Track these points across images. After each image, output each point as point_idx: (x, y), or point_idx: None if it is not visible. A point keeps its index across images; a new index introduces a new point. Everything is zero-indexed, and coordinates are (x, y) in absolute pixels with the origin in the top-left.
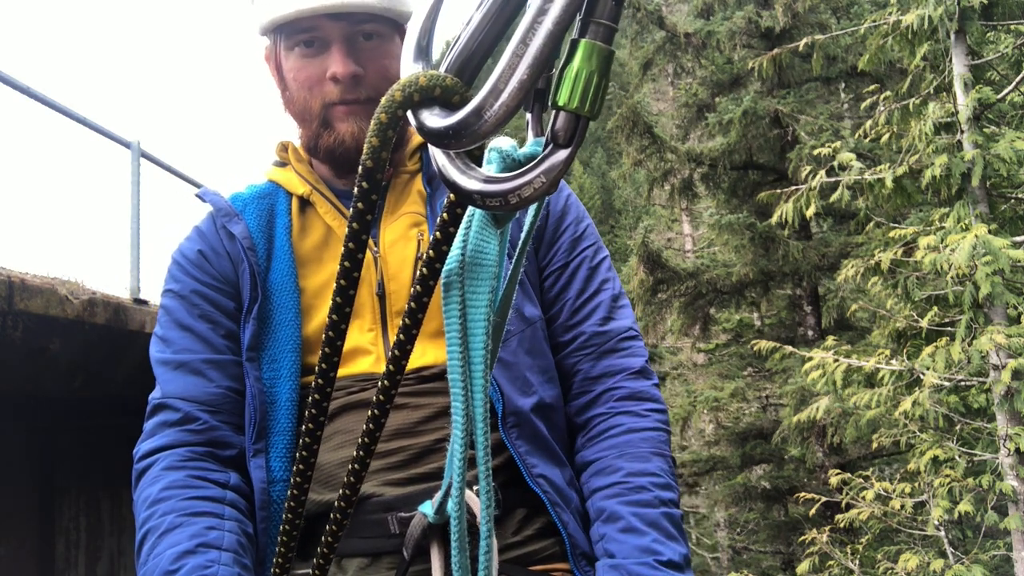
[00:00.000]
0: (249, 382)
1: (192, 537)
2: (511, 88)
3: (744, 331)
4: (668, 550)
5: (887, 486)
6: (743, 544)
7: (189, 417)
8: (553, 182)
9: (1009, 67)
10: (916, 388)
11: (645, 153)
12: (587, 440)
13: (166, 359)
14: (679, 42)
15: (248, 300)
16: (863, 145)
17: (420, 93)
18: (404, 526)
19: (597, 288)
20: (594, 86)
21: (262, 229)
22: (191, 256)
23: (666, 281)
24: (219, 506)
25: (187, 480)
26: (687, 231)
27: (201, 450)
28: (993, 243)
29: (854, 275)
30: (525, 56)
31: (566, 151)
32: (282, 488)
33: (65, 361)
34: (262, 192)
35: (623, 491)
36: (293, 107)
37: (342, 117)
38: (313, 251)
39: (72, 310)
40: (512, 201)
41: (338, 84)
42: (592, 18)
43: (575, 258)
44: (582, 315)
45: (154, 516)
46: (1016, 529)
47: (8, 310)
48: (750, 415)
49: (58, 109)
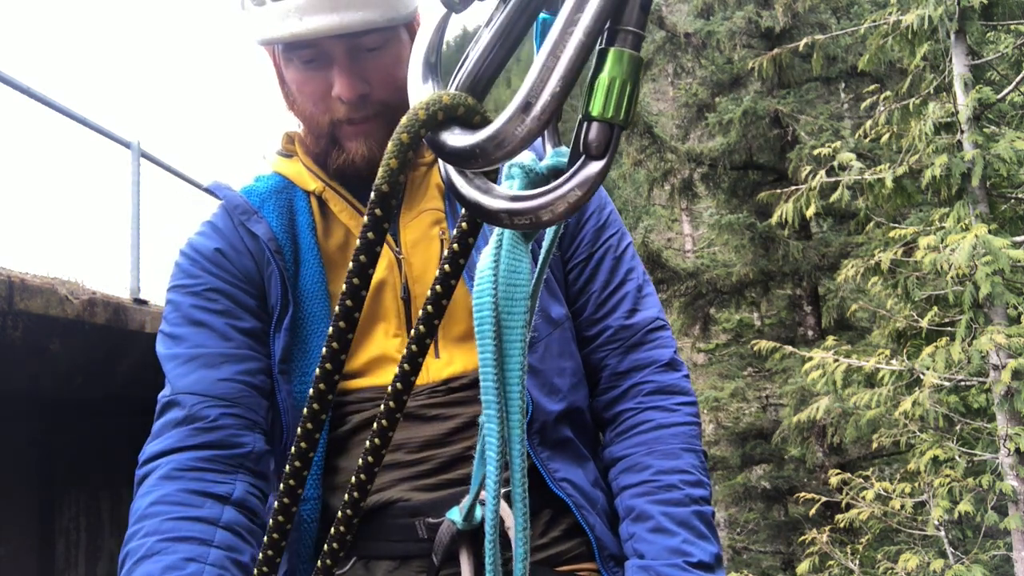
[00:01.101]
0: (280, 396)
1: (165, 570)
2: (544, 101)
3: (744, 331)
4: (698, 550)
5: (887, 486)
6: (743, 544)
7: (196, 415)
8: (588, 195)
9: (1009, 67)
10: (916, 388)
11: (645, 153)
12: (616, 435)
13: (177, 354)
14: (679, 42)
15: (279, 309)
16: (863, 145)
17: (444, 112)
18: (432, 531)
19: (623, 279)
20: (627, 94)
21: (285, 229)
22: (206, 253)
23: (666, 281)
24: (210, 529)
25: (180, 496)
26: (687, 231)
27: (206, 454)
28: (993, 243)
29: (854, 275)
30: (557, 68)
31: (601, 162)
32: (312, 506)
33: (65, 361)
34: (277, 187)
35: (653, 489)
36: (297, 111)
37: (351, 136)
38: (337, 252)
39: (72, 310)
40: (545, 218)
41: (344, 104)
42: (619, 26)
43: (599, 248)
44: (607, 308)
45: (136, 536)
46: (1016, 529)
47: (8, 310)
48: (750, 415)
49: (58, 109)
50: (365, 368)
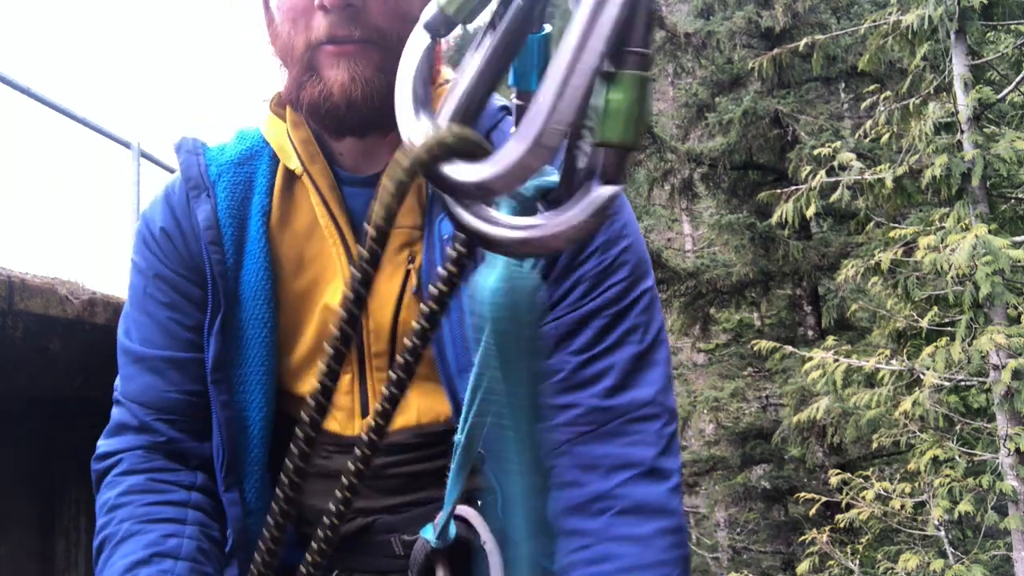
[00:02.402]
0: (215, 408)
1: (147, 546)
2: (552, 131)
3: (744, 331)
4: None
5: (887, 486)
6: (743, 544)
7: (147, 427)
8: (599, 220)
9: (1009, 67)
10: (916, 388)
11: (645, 153)
12: (571, 562)
13: (128, 348)
14: (679, 42)
15: (210, 309)
16: (863, 145)
17: (447, 151)
18: (408, 548)
19: (616, 342)
20: (637, 116)
21: (233, 213)
22: (154, 231)
23: (666, 281)
24: (181, 510)
25: (147, 484)
26: (687, 231)
27: (163, 452)
28: (993, 243)
29: (854, 275)
30: (565, 96)
31: (614, 187)
32: (258, 519)
33: (65, 361)
34: (243, 156)
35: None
36: (276, 46)
37: (330, 61)
38: (293, 244)
39: (72, 310)
40: (553, 244)
41: (328, 15)
42: (625, 47)
43: (595, 299)
44: (583, 378)
45: (111, 523)
46: (1016, 529)
47: (8, 310)
48: (750, 415)
49: (58, 109)
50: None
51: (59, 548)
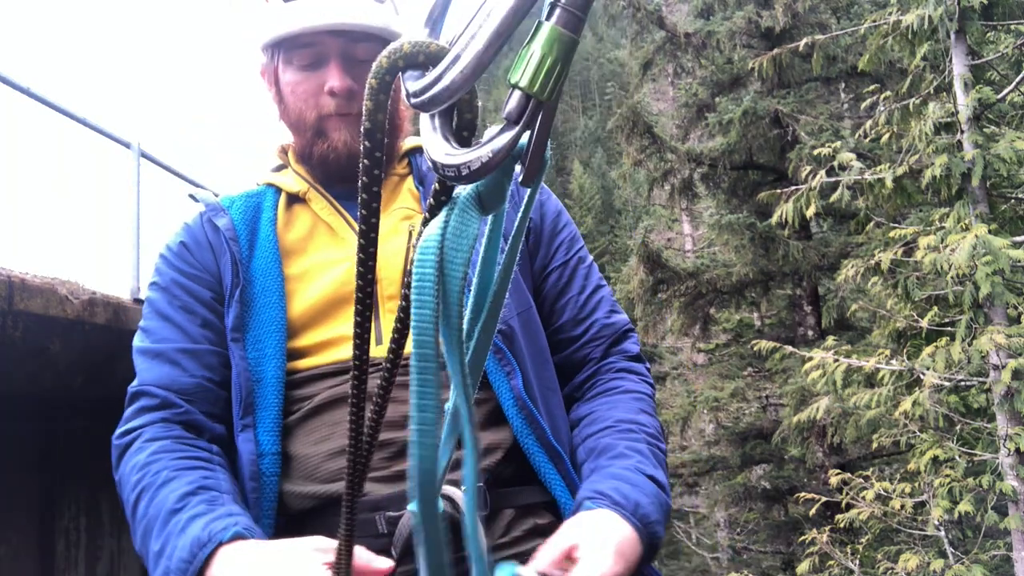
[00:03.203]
0: (235, 361)
1: (191, 483)
2: (469, 59)
3: (744, 331)
4: (652, 469)
5: (887, 486)
6: (743, 544)
7: (167, 402)
8: (499, 159)
9: (1009, 67)
10: (916, 388)
11: (645, 153)
12: (583, 400)
13: (145, 348)
14: (679, 42)
15: (230, 286)
16: (863, 145)
17: (404, 60)
18: (392, 525)
19: (597, 284)
20: (547, 70)
21: (246, 222)
22: (175, 249)
23: (666, 281)
24: (209, 464)
25: (174, 445)
26: (687, 231)
27: (181, 424)
28: (993, 243)
29: (854, 275)
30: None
31: (514, 129)
32: (271, 460)
33: (65, 361)
34: (252, 193)
35: (613, 432)
36: (288, 118)
37: (336, 127)
38: (297, 241)
39: (72, 310)
40: (463, 172)
41: (334, 98)
42: (559, 3)
43: (574, 256)
44: (591, 307)
45: (147, 476)
46: (1016, 529)
47: (8, 310)
48: (750, 415)
49: (58, 109)
50: (318, 347)
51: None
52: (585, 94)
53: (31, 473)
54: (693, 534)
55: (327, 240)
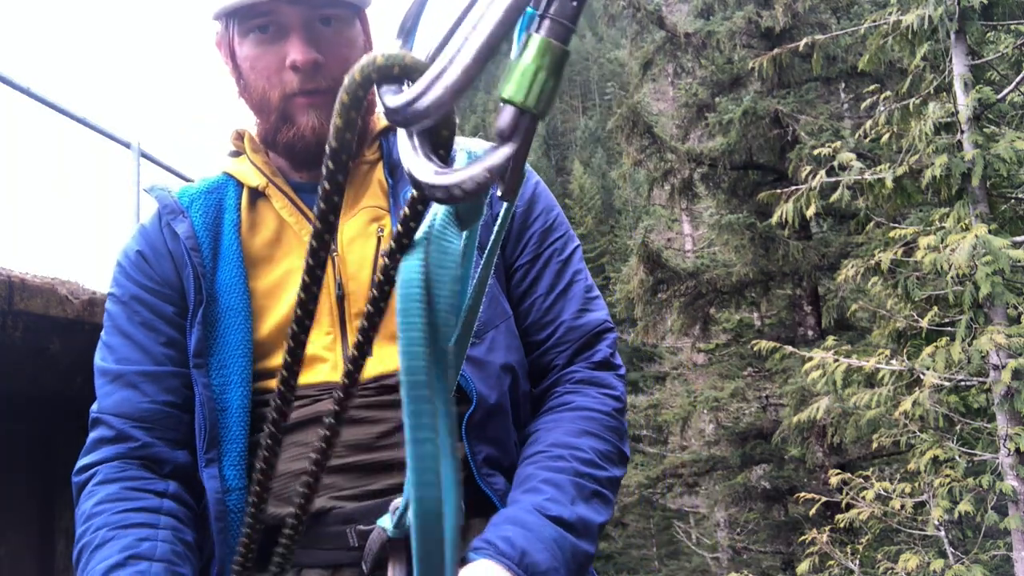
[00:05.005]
0: (198, 389)
1: (123, 550)
2: (457, 73)
3: (744, 331)
4: (560, 508)
5: (887, 486)
6: (743, 544)
7: (124, 435)
8: (493, 178)
9: (1009, 67)
10: (916, 388)
11: (645, 153)
12: (535, 416)
13: (105, 368)
14: (679, 42)
15: (193, 304)
16: (863, 145)
17: (378, 72)
18: (363, 539)
19: (570, 281)
20: (541, 83)
21: (208, 227)
22: (132, 257)
23: (666, 281)
24: (154, 516)
25: (121, 492)
26: (687, 231)
27: (137, 462)
28: (993, 243)
29: (854, 275)
30: (472, 40)
31: (510, 147)
32: (238, 496)
33: (65, 361)
34: (211, 186)
35: (541, 459)
36: (249, 96)
37: (303, 109)
38: (264, 248)
39: (72, 310)
40: (455, 193)
41: (298, 72)
42: (548, 15)
43: (545, 250)
44: (556, 311)
45: (88, 531)
46: (1016, 529)
47: (8, 310)
48: (750, 415)
49: (58, 109)
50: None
51: (59, 548)
52: (585, 94)
53: (31, 473)
54: (693, 534)
55: (294, 245)
